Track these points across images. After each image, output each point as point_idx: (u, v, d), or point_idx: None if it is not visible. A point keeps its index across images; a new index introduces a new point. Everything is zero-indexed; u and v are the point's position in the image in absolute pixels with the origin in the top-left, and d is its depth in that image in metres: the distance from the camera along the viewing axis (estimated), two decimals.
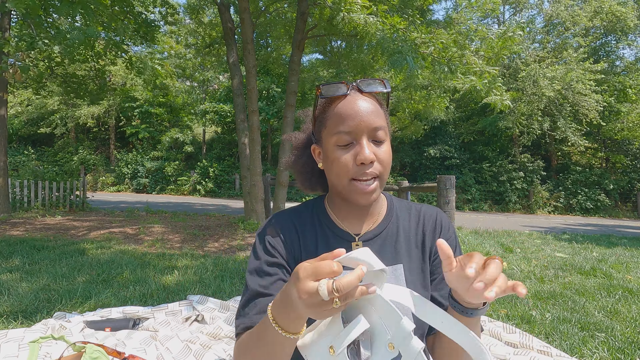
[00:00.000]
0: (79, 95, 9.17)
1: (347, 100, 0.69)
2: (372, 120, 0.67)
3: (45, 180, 8.83)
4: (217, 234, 6.17)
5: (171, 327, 2.24)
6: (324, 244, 0.76)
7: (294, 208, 0.83)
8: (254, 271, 0.73)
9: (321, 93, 0.69)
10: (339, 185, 0.70)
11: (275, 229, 0.77)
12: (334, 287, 0.46)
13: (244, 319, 0.70)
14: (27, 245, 4.60)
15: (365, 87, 0.70)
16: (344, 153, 0.68)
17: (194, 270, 3.71)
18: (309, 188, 0.84)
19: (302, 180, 0.84)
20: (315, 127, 0.77)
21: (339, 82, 0.70)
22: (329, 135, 0.70)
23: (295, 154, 0.85)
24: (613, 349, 2.11)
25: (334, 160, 0.69)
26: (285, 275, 0.73)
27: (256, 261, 0.74)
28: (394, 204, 0.82)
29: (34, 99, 18.55)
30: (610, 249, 5.56)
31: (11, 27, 7.46)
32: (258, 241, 0.77)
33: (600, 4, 14.75)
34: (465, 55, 5.28)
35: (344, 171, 0.67)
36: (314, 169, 0.82)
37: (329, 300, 0.47)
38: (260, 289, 0.71)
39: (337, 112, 0.69)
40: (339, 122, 0.68)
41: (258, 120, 6.68)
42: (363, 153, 0.65)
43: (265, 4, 8.16)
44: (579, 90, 12.93)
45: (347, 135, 0.67)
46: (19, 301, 2.68)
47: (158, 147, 19.85)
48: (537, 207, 14.37)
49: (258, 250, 0.76)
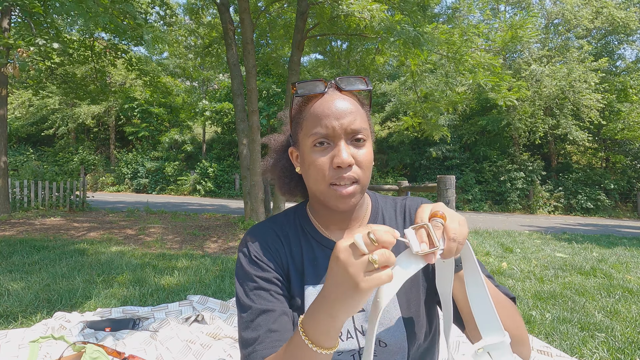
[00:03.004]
0: (79, 96, 9.20)
1: (324, 99, 0.64)
2: (350, 121, 0.62)
3: (45, 180, 8.83)
4: (217, 234, 6.17)
5: (171, 327, 2.23)
6: (309, 253, 0.71)
7: (272, 218, 0.77)
8: (248, 291, 0.67)
9: (296, 91, 0.64)
10: (317, 190, 0.65)
11: (258, 243, 0.71)
12: (370, 237, 0.43)
13: (257, 345, 0.62)
14: (27, 245, 4.60)
15: (345, 85, 0.64)
16: (321, 156, 0.62)
17: (194, 270, 3.71)
18: (288, 193, 0.79)
19: (281, 185, 0.79)
20: (292, 128, 0.72)
21: (316, 79, 0.65)
22: (305, 136, 0.65)
23: (273, 157, 0.79)
24: (613, 349, 2.11)
25: (310, 164, 0.64)
26: (279, 288, 0.68)
27: (249, 282, 0.68)
28: (379, 204, 0.77)
29: (35, 100, 18.59)
30: (610, 249, 5.56)
31: (12, 28, 7.47)
32: (243, 257, 0.70)
33: (601, 6, 14.76)
34: (468, 53, 5.30)
35: (321, 175, 0.62)
36: (292, 173, 0.77)
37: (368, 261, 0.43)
38: (263, 306, 0.65)
39: (313, 111, 0.64)
40: (315, 122, 0.63)
41: (258, 121, 6.68)
42: (340, 156, 0.60)
43: (265, 4, 8.17)
44: (579, 89, 12.94)
45: (323, 137, 0.62)
46: (19, 301, 2.68)
47: (158, 147, 19.86)
48: (537, 207, 14.37)
49: (245, 266, 0.69)
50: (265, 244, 0.72)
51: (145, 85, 9.62)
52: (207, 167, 17.95)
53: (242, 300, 0.67)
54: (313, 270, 0.70)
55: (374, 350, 0.67)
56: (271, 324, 0.63)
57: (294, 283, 0.70)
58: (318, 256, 0.71)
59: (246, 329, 0.64)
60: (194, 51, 10.42)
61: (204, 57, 9.99)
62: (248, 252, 0.71)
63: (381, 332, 0.67)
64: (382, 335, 0.67)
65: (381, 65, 9.61)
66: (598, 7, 14.87)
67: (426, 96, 8.31)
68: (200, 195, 17.49)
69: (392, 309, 0.68)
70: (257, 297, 0.66)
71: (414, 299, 0.70)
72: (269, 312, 0.64)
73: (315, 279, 0.70)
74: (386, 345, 0.66)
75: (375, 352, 0.67)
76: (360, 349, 0.67)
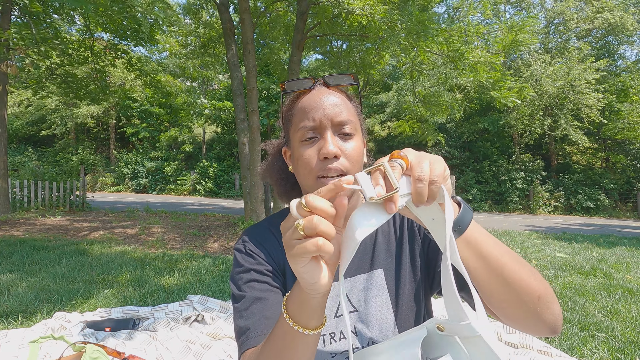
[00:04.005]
0: (78, 96, 9.20)
1: (311, 94, 0.65)
2: (337, 113, 0.62)
3: (45, 181, 8.84)
4: (217, 234, 6.17)
5: (171, 327, 2.23)
6: None
7: (268, 219, 0.78)
8: (242, 284, 0.67)
9: (284, 88, 0.66)
10: (306, 185, 0.64)
11: (254, 239, 0.73)
12: (303, 202, 0.39)
13: (250, 332, 0.62)
14: (27, 246, 4.60)
15: (332, 81, 0.66)
16: (308, 148, 0.63)
17: (194, 270, 3.71)
18: (286, 196, 0.79)
19: (278, 187, 0.79)
20: (284, 126, 0.72)
21: (304, 77, 0.66)
22: (295, 132, 0.66)
23: (269, 159, 0.80)
24: (613, 349, 2.11)
25: (298, 158, 0.64)
26: (273, 280, 0.68)
27: (242, 273, 0.68)
28: None
29: (34, 99, 18.58)
30: (610, 249, 5.56)
31: (11, 26, 7.47)
32: (238, 253, 0.71)
33: (603, 4, 14.77)
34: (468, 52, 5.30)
35: (308, 168, 0.62)
36: (288, 174, 0.77)
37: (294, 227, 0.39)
38: (256, 294, 0.65)
39: (301, 106, 0.65)
40: (302, 116, 0.64)
41: (258, 121, 6.68)
42: (326, 147, 0.60)
43: (265, 4, 8.17)
44: (579, 89, 12.94)
45: (310, 130, 0.62)
46: (19, 301, 2.68)
47: (158, 147, 19.86)
48: (537, 207, 14.37)
49: (240, 260, 0.70)
50: (261, 241, 0.73)
51: (146, 86, 9.62)
52: (207, 167, 17.95)
53: (236, 292, 0.67)
54: None
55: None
56: (265, 311, 0.63)
57: (290, 281, 0.71)
58: None
59: (240, 318, 0.64)
60: (194, 51, 10.42)
61: (203, 57, 9.99)
62: (243, 248, 0.71)
63: (374, 333, 0.67)
64: (376, 337, 0.67)
65: (382, 66, 9.60)
66: (598, 7, 14.88)
67: (424, 98, 8.30)
68: (200, 195, 17.49)
69: (385, 310, 0.68)
70: (251, 289, 0.66)
71: (407, 300, 0.70)
72: (263, 300, 0.64)
73: None
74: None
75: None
76: (354, 349, 0.67)
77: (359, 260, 0.71)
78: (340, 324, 0.68)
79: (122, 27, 6.62)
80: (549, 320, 0.54)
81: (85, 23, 7.24)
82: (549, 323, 0.54)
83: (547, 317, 0.54)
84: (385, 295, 0.69)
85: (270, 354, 0.51)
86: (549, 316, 0.54)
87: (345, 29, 7.43)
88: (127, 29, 6.06)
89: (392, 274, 0.71)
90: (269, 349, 0.52)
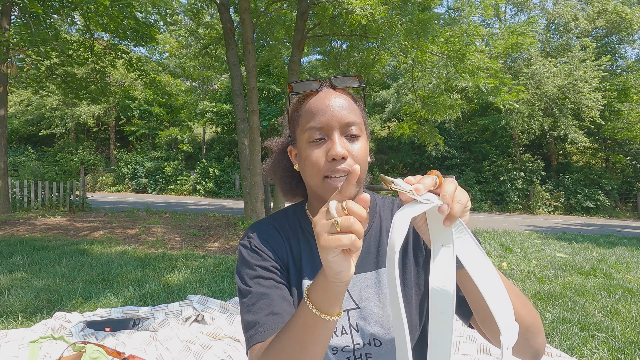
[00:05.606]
0: (78, 96, 9.20)
1: (318, 96, 0.67)
2: (344, 115, 0.64)
3: (45, 181, 8.84)
4: (217, 234, 6.17)
5: (171, 327, 2.24)
6: (307, 250, 0.73)
7: (272, 216, 0.80)
8: (249, 279, 0.69)
9: (292, 90, 0.68)
10: (313, 184, 0.66)
11: (259, 236, 0.74)
12: (343, 205, 0.45)
13: (259, 327, 0.64)
14: (27, 245, 4.61)
15: (338, 83, 0.68)
16: (316, 149, 0.64)
17: (194, 270, 3.71)
18: (290, 194, 0.81)
19: (283, 185, 0.80)
20: (290, 126, 0.74)
21: (311, 79, 0.68)
22: (302, 133, 0.67)
23: (274, 157, 0.81)
24: (613, 349, 2.11)
25: (306, 158, 0.66)
26: (279, 277, 0.70)
27: (248, 269, 0.69)
28: (376, 204, 0.78)
29: (34, 99, 18.59)
30: (610, 249, 5.56)
31: (11, 27, 7.48)
32: (243, 249, 0.73)
33: (604, 5, 14.74)
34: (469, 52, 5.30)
35: (316, 169, 0.64)
36: (293, 173, 0.79)
37: (332, 223, 0.44)
38: (263, 290, 0.67)
39: (308, 108, 0.67)
40: (310, 118, 0.65)
41: (258, 121, 6.68)
42: (334, 148, 0.62)
43: (265, 4, 8.17)
44: (579, 89, 12.93)
45: (318, 131, 0.64)
46: (19, 301, 2.68)
47: (157, 147, 19.85)
48: (537, 207, 14.37)
49: (246, 256, 0.71)
50: (266, 237, 0.74)
51: (146, 86, 9.63)
52: (207, 167, 17.95)
53: (242, 287, 0.69)
54: (311, 266, 0.72)
55: (370, 350, 0.68)
56: (272, 307, 0.65)
57: (293, 277, 0.72)
58: (315, 253, 0.72)
59: (247, 313, 0.66)
60: (195, 52, 10.42)
61: (203, 57, 9.99)
62: (249, 244, 0.73)
63: (377, 331, 0.68)
64: (378, 334, 0.68)
65: (382, 66, 9.61)
66: (599, 7, 14.85)
67: (424, 99, 8.30)
68: (200, 195, 17.49)
69: (387, 308, 0.69)
70: (257, 285, 0.68)
71: (410, 300, 0.71)
72: (270, 296, 0.66)
73: (312, 274, 0.71)
74: (380, 344, 0.68)
75: (370, 352, 0.68)
76: (355, 345, 0.68)
77: (362, 259, 0.72)
78: (341, 320, 0.69)
79: (122, 27, 6.62)
80: (534, 348, 0.61)
81: (86, 23, 7.24)
82: (534, 350, 0.61)
83: (533, 345, 0.61)
84: (388, 294, 0.70)
85: (290, 341, 0.55)
86: (534, 345, 0.61)
87: (345, 29, 7.44)
88: (127, 29, 6.07)
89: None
90: (287, 337, 0.55)
